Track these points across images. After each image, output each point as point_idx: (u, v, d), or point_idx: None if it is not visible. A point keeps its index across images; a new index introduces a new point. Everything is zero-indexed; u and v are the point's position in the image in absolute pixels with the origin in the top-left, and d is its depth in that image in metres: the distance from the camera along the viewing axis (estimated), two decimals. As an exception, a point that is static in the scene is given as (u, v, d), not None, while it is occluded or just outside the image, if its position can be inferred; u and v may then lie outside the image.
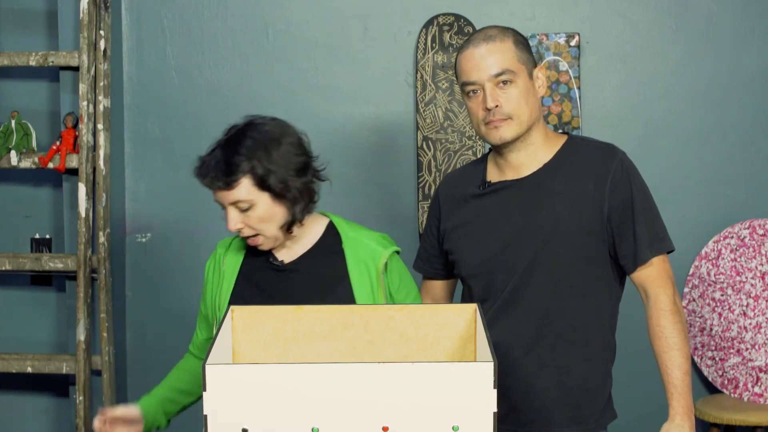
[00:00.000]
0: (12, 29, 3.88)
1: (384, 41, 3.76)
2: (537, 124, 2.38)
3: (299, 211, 2.38)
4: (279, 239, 2.40)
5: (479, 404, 1.80)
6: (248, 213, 2.35)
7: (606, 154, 2.38)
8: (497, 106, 2.31)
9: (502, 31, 2.37)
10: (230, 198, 2.34)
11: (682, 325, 2.31)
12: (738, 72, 3.69)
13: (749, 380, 3.59)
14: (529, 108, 2.34)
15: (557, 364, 2.36)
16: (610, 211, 2.32)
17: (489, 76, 2.31)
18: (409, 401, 1.79)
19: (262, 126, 2.40)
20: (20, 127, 3.70)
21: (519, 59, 2.33)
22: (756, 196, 3.70)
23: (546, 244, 2.34)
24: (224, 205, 2.37)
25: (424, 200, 3.73)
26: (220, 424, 1.79)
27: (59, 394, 3.92)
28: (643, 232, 2.34)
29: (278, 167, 2.35)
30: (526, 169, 2.39)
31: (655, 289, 2.34)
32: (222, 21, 3.80)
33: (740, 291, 3.62)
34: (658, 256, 2.36)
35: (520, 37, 2.38)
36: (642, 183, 2.39)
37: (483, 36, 2.35)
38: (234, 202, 2.34)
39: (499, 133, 2.33)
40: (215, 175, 2.34)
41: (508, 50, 2.33)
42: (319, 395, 1.79)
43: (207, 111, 3.81)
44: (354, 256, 2.42)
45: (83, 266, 3.62)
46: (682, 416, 2.23)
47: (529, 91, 2.35)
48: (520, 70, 2.33)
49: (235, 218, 2.36)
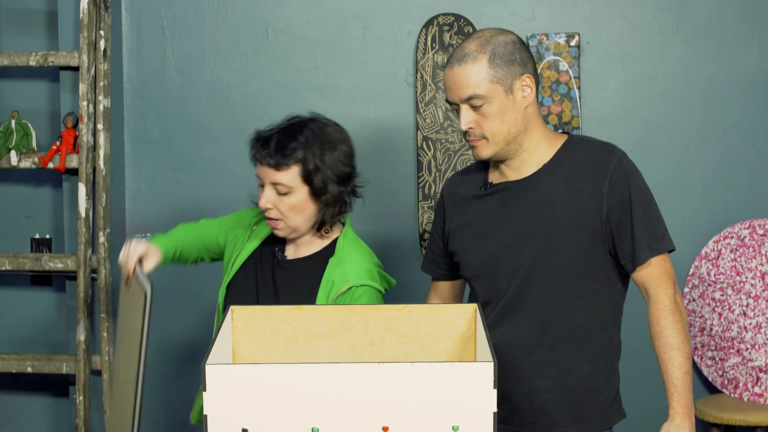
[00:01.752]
0: (12, 29, 3.87)
1: (384, 41, 3.76)
2: (527, 132, 2.36)
3: (328, 215, 2.49)
4: (297, 232, 2.49)
5: (479, 404, 1.80)
6: (283, 198, 2.45)
7: (605, 153, 2.37)
8: (471, 128, 2.33)
9: (481, 46, 2.31)
10: (273, 178, 2.45)
11: (682, 324, 2.31)
12: (738, 72, 3.69)
13: (749, 380, 3.59)
14: (506, 125, 2.32)
15: (558, 365, 2.36)
16: (609, 211, 2.32)
17: (460, 98, 2.32)
18: (409, 401, 1.79)
19: (324, 125, 2.51)
20: (20, 127, 3.70)
21: (492, 79, 2.29)
22: (756, 196, 3.70)
23: (546, 244, 2.34)
24: (264, 182, 2.47)
25: (424, 200, 3.73)
26: (220, 424, 1.80)
27: (59, 394, 3.92)
28: (641, 232, 2.33)
29: (326, 168, 2.46)
30: (526, 170, 2.39)
31: (656, 289, 2.34)
32: (222, 21, 3.80)
33: (740, 291, 3.62)
34: (658, 255, 2.35)
35: (501, 49, 2.31)
36: (641, 183, 2.38)
37: (459, 54, 2.33)
38: (275, 183, 2.45)
39: (476, 152, 2.37)
40: (269, 153, 2.44)
41: (479, 72, 2.29)
42: (319, 395, 1.79)
43: (207, 111, 3.81)
44: (329, 275, 2.50)
45: (83, 266, 3.62)
46: (682, 416, 2.23)
47: (507, 108, 2.32)
48: (492, 90, 2.30)
49: (270, 198, 2.46)
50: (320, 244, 2.57)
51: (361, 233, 3.80)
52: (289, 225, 2.48)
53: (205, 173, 3.83)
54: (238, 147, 3.79)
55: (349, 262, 2.51)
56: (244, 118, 3.80)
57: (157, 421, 3.88)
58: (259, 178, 2.49)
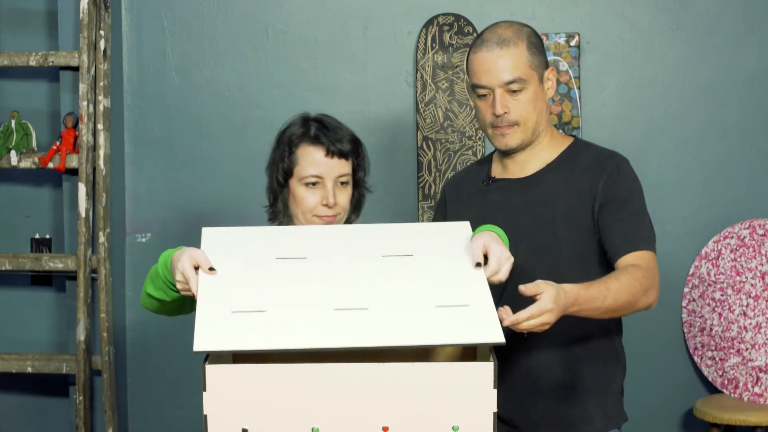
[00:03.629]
0: (12, 29, 3.88)
1: (384, 41, 3.76)
2: (545, 126, 2.39)
3: (351, 213, 2.40)
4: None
5: (479, 404, 1.80)
6: (343, 189, 2.33)
7: (606, 157, 2.37)
8: (506, 113, 2.32)
9: (518, 32, 2.34)
10: (339, 170, 2.31)
11: (639, 280, 2.15)
12: (738, 72, 3.69)
13: (749, 380, 3.59)
14: (536, 113, 2.34)
15: (559, 365, 2.36)
16: (600, 207, 2.31)
17: (500, 82, 2.31)
18: (409, 401, 1.79)
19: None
20: (20, 127, 3.70)
21: (531, 65, 2.32)
22: (756, 196, 3.70)
23: (545, 243, 2.34)
24: (323, 177, 2.30)
25: (424, 200, 3.73)
26: (220, 424, 1.79)
27: (59, 394, 3.92)
28: (627, 230, 2.28)
29: (363, 162, 2.39)
30: (529, 168, 2.40)
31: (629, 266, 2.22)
32: (222, 21, 3.80)
33: (740, 291, 3.62)
34: (641, 252, 2.26)
35: (535, 38, 2.36)
36: (635, 186, 2.35)
37: (497, 39, 2.33)
38: (339, 176, 2.31)
39: (505, 140, 2.35)
40: (338, 139, 2.31)
41: (521, 56, 2.31)
42: (319, 395, 1.79)
43: (207, 111, 3.81)
44: None
45: (83, 266, 3.62)
46: (566, 295, 2.03)
47: (539, 96, 2.34)
48: (531, 76, 2.32)
49: (336, 194, 2.31)
50: None
51: (361, 233, 3.81)
52: (342, 220, 2.36)
53: (205, 173, 3.83)
54: (238, 147, 3.80)
55: None
56: (244, 118, 3.80)
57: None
58: (314, 176, 2.31)
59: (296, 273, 1.99)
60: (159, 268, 2.12)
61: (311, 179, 2.31)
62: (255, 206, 3.79)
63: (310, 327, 1.83)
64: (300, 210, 2.33)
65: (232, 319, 1.85)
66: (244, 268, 2.01)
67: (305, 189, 2.31)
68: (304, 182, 2.31)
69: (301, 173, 2.32)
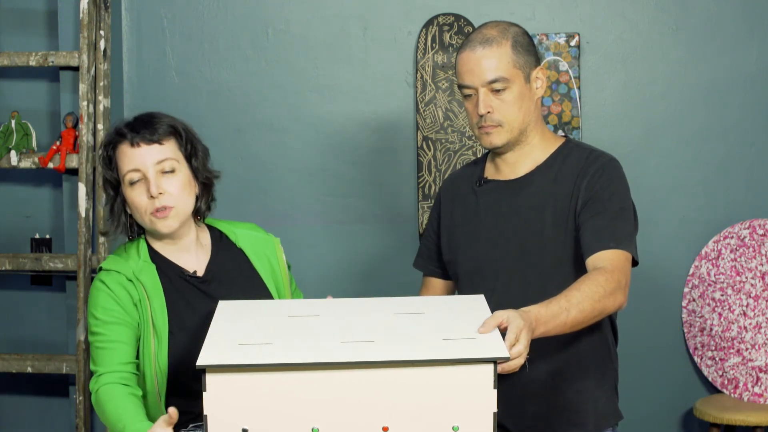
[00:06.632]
0: (12, 29, 3.87)
1: (384, 41, 3.76)
2: (534, 125, 2.38)
3: (199, 204, 2.33)
4: (184, 220, 2.30)
5: (479, 405, 1.80)
6: (170, 177, 2.26)
7: (593, 158, 2.36)
8: (489, 113, 2.32)
9: (503, 32, 2.35)
10: (155, 156, 2.24)
11: (603, 287, 2.11)
12: (738, 72, 3.69)
13: (749, 380, 3.59)
14: (522, 113, 2.34)
15: (549, 367, 2.34)
16: (581, 207, 2.29)
17: (483, 81, 2.31)
18: (409, 402, 1.79)
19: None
20: (20, 127, 3.70)
21: (515, 64, 2.32)
22: (756, 196, 3.70)
23: (534, 245, 2.33)
24: (139, 168, 2.24)
25: (424, 200, 3.73)
26: (220, 425, 1.80)
27: (59, 394, 3.92)
28: (598, 229, 2.24)
29: (193, 148, 2.33)
30: (520, 169, 2.40)
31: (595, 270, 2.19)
32: (222, 21, 3.80)
33: (740, 291, 3.62)
34: (613, 250, 2.21)
35: (521, 38, 2.36)
36: (618, 186, 2.32)
37: (481, 38, 2.34)
38: (158, 162, 2.24)
39: (489, 138, 2.35)
40: (145, 127, 2.26)
41: (504, 55, 2.31)
42: (319, 396, 1.79)
43: (207, 111, 3.81)
44: (253, 252, 2.39)
45: (83, 266, 3.62)
46: (527, 315, 1.98)
47: (524, 95, 2.34)
48: (515, 75, 2.32)
49: (159, 184, 2.24)
50: (205, 239, 2.38)
51: (361, 233, 3.82)
52: (181, 211, 2.27)
53: (205, 173, 3.82)
54: (238, 147, 3.80)
55: (246, 230, 2.41)
56: (244, 118, 3.80)
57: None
58: (136, 170, 2.24)
59: (307, 323, 2.00)
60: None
61: (131, 176, 2.25)
62: (255, 206, 3.81)
63: (314, 353, 1.82)
64: (138, 214, 2.27)
65: (239, 349, 1.85)
66: (256, 321, 2.01)
67: (131, 189, 2.25)
68: (128, 182, 2.26)
69: (122, 174, 2.27)
